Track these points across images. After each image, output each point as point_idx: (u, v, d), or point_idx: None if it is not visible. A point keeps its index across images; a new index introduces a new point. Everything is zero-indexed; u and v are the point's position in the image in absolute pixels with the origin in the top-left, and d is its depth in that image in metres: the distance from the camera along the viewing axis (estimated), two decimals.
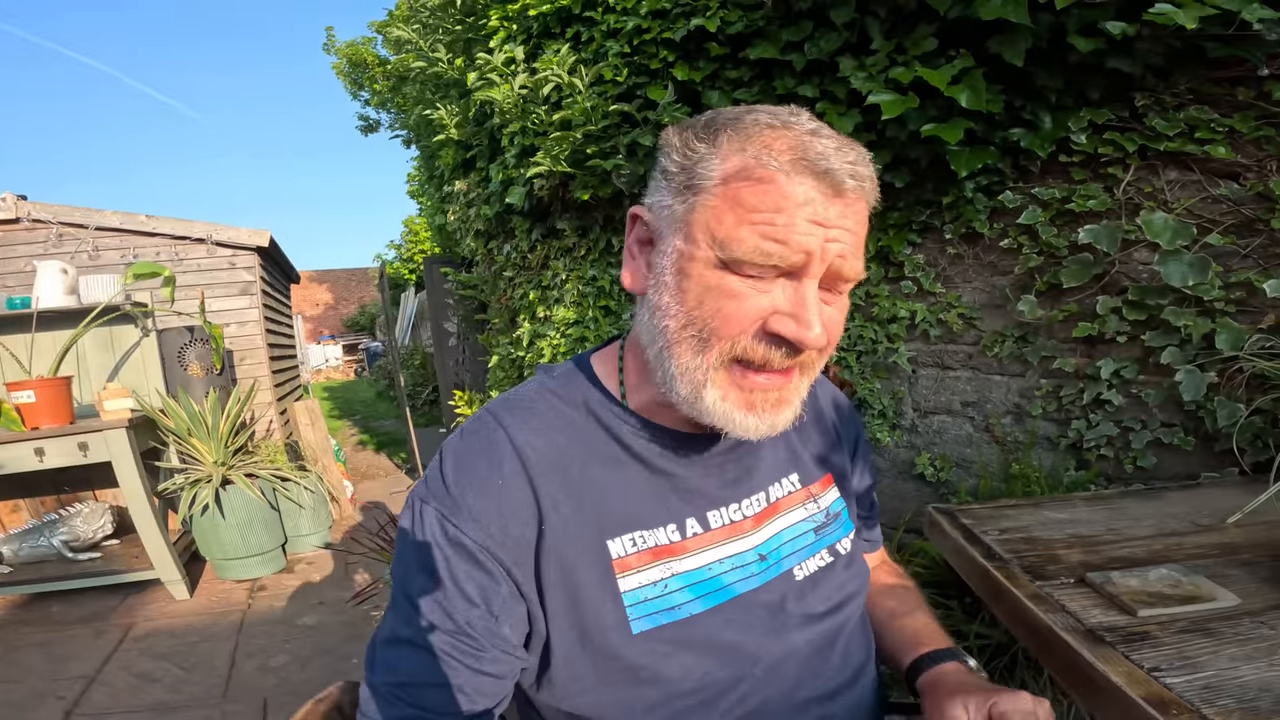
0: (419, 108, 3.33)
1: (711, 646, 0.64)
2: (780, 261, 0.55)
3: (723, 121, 0.59)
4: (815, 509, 0.75)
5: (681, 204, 0.60)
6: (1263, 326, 1.41)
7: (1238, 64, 1.33)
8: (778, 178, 0.55)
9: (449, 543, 0.62)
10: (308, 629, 2.56)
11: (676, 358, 0.60)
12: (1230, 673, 0.70)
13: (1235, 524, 1.08)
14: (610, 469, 0.67)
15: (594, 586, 0.63)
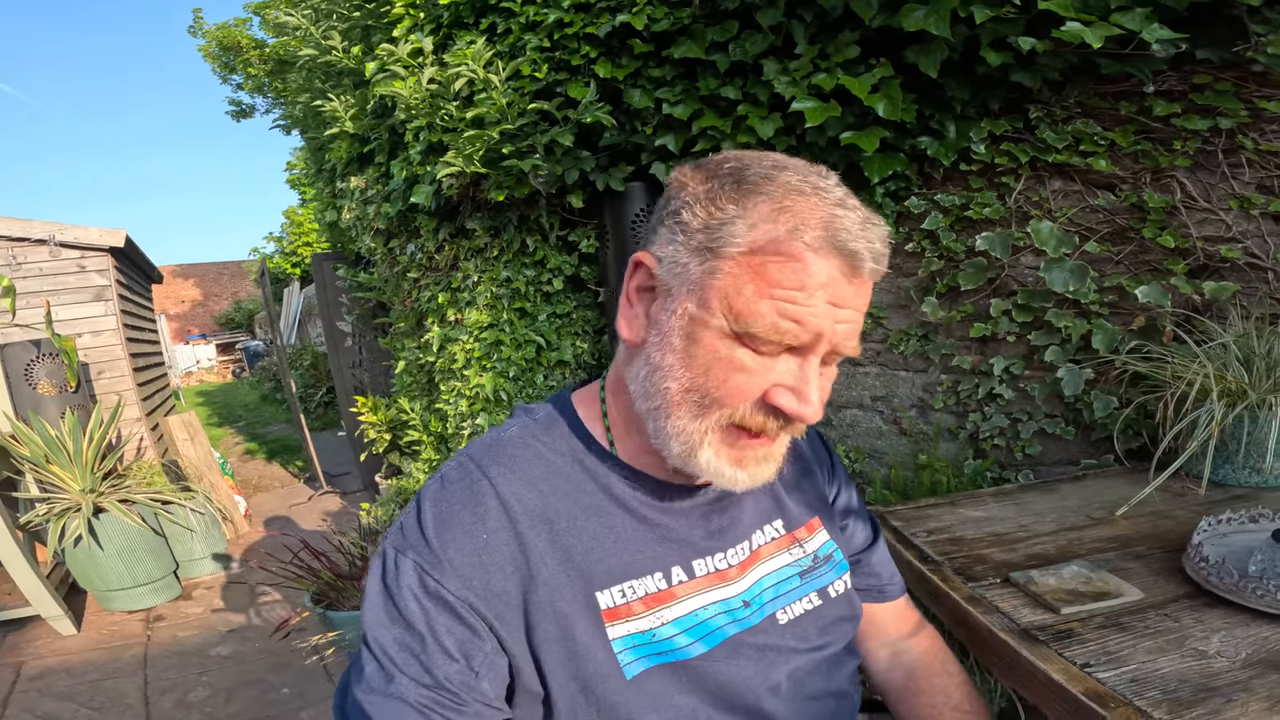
0: (306, 97, 3.07)
1: (705, 685, 0.64)
2: (793, 340, 0.55)
3: (754, 180, 0.57)
4: (801, 553, 0.76)
5: (699, 265, 0.57)
6: (1133, 328, 1.55)
7: (1124, 79, 1.45)
8: (806, 256, 0.54)
9: (428, 596, 0.60)
10: (223, 659, 2.34)
11: (674, 419, 0.60)
12: (1150, 665, 0.76)
13: (1123, 516, 1.19)
14: (597, 519, 0.66)
15: (587, 636, 0.62)
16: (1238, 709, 0.67)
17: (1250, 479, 1.23)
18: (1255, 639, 0.78)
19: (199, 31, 5.66)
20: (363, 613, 0.62)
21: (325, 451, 5.17)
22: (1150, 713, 0.68)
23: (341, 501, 4.40)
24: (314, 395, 7.64)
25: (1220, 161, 1.40)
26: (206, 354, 14.44)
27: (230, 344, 14.96)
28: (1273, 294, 1.39)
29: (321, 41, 2.34)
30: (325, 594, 1.97)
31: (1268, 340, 1.28)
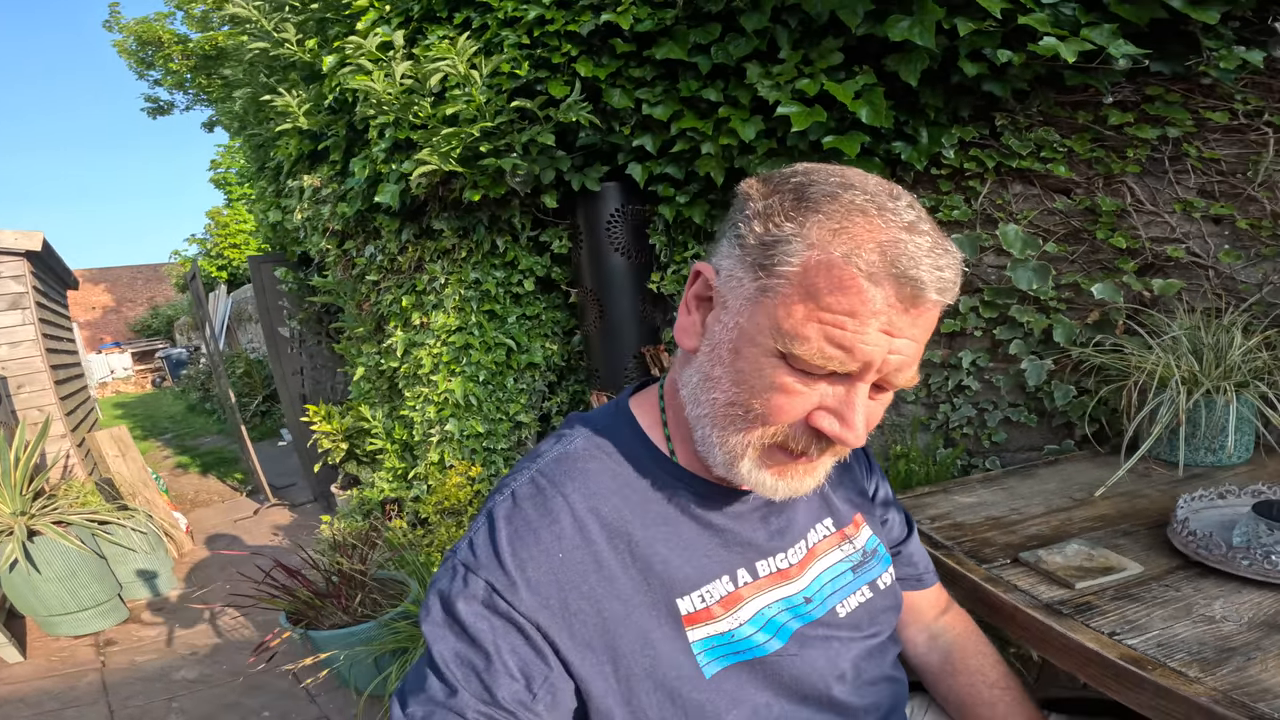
0: (248, 92, 2.89)
1: (779, 679, 0.66)
2: (838, 367, 0.54)
3: (814, 198, 0.55)
4: (851, 549, 0.78)
5: (753, 281, 0.56)
6: (1089, 322, 1.66)
7: (1083, 90, 1.55)
8: (860, 281, 0.52)
9: (498, 615, 0.60)
10: (191, 683, 2.19)
11: (719, 430, 0.61)
12: (1169, 631, 0.81)
13: (1101, 497, 1.27)
14: (668, 527, 0.66)
15: (666, 643, 0.62)
16: (1258, 666, 0.72)
17: (1208, 459, 1.33)
18: (1252, 604, 0.85)
19: (115, 26, 5.31)
20: (423, 625, 0.62)
21: (267, 462, 4.89)
22: (1185, 673, 0.73)
23: (292, 514, 4.18)
24: (249, 404, 7.23)
25: (1167, 168, 1.52)
26: (122, 363, 13.40)
27: (148, 352, 13.95)
28: (1214, 290, 1.51)
29: (274, 34, 2.21)
30: (302, 613, 1.87)
31: (1214, 333, 1.39)
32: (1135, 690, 0.75)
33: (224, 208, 9.77)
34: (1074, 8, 1.39)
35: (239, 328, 9.36)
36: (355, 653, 1.67)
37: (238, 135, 3.97)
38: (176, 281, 13.58)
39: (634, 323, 2.27)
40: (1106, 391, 1.54)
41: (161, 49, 5.33)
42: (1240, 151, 1.44)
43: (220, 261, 9.64)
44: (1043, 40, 1.30)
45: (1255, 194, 1.43)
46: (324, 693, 1.97)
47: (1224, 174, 1.46)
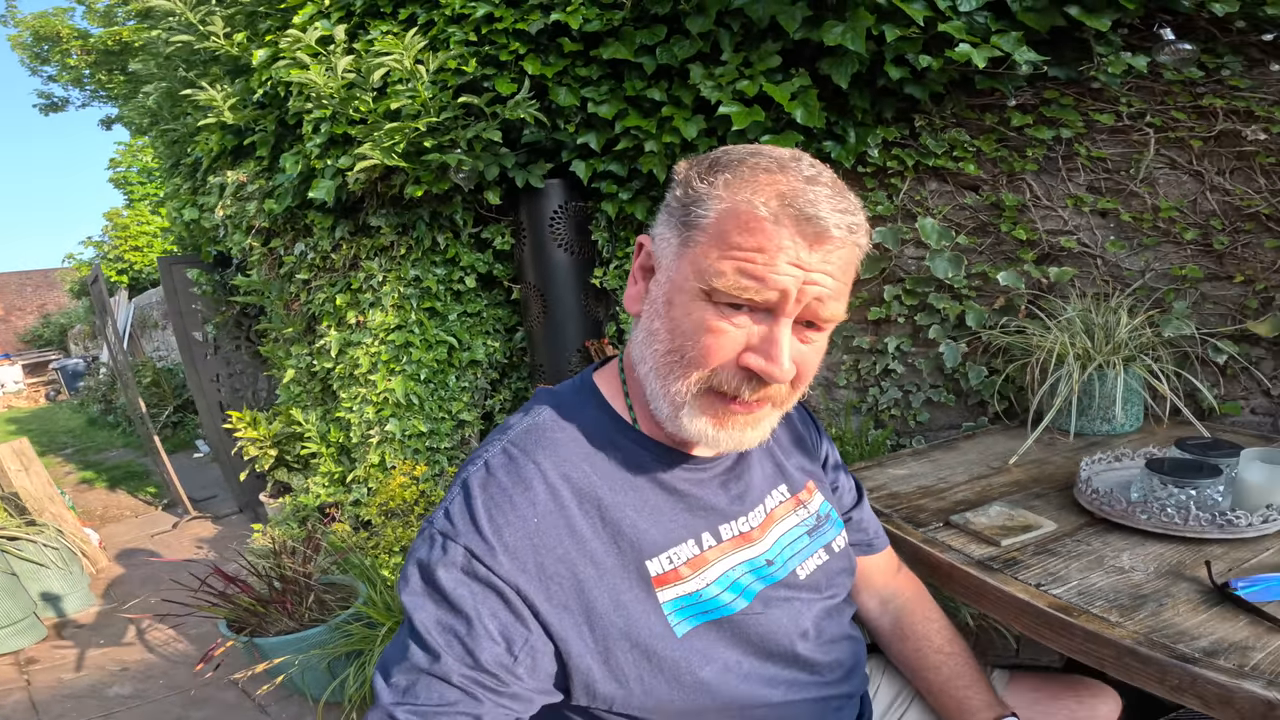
0: (162, 86, 2.71)
1: (746, 637, 0.69)
2: (755, 296, 0.58)
3: (725, 163, 0.62)
4: (806, 514, 0.81)
5: (677, 238, 0.63)
6: (996, 307, 1.79)
7: (990, 94, 1.67)
8: (764, 221, 0.58)
9: (478, 581, 0.61)
10: (126, 699, 2.04)
11: (662, 380, 0.64)
12: (1087, 581, 0.90)
13: (1015, 465, 1.38)
14: (636, 493, 0.69)
15: (639, 604, 0.65)
16: (1170, 611, 0.81)
17: (1102, 428, 1.47)
18: (1154, 555, 0.95)
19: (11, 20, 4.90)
20: (402, 594, 0.62)
21: (184, 475, 4.57)
22: (1107, 618, 0.81)
23: (216, 527, 3.92)
24: (159, 415, 6.72)
25: (1060, 166, 1.66)
26: (13, 376, 12.13)
27: (41, 363, 12.70)
28: (1102, 277, 1.66)
29: (200, 27, 2.08)
30: (244, 621, 1.77)
31: (1103, 314, 1.53)
32: (1066, 636, 0.82)
33: (124, 209, 9.02)
34: (986, 16, 1.50)
35: (142, 335, 8.68)
36: (308, 658, 1.60)
37: (146, 132, 3.69)
38: (71, 287, 12.42)
39: (578, 317, 2.28)
40: (1012, 369, 1.67)
41: (59, 44, 4.94)
42: (1124, 151, 1.59)
43: (120, 265, 8.89)
44: (958, 47, 1.40)
45: (1137, 190, 1.59)
46: (275, 702, 1.87)
47: (1110, 171, 1.61)
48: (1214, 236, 1.51)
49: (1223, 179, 1.49)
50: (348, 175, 2.05)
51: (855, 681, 0.80)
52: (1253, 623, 0.77)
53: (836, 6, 1.54)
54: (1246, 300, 1.50)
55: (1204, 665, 0.71)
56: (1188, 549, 0.95)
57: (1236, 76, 1.43)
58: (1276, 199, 1.42)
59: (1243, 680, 0.68)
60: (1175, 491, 0.99)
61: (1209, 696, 0.70)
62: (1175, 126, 1.52)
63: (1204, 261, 1.55)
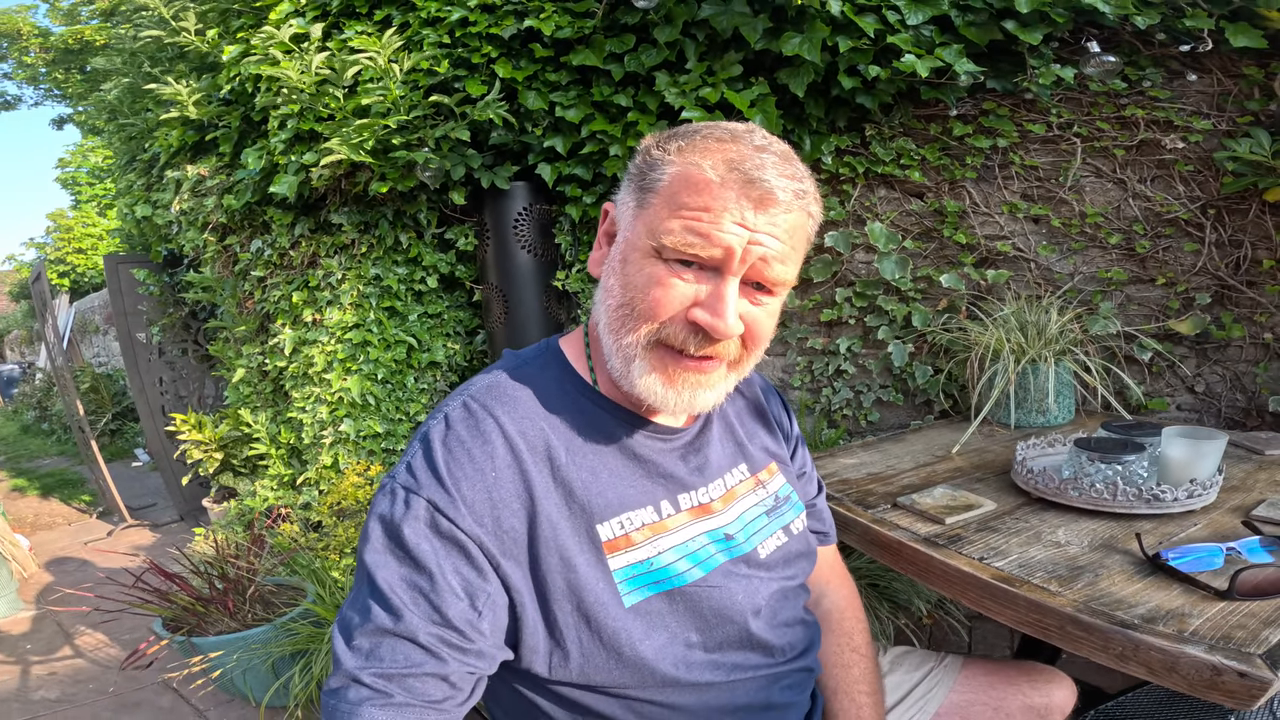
0: (125, 81, 2.62)
1: (698, 609, 0.68)
2: (701, 252, 0.60)
3: (683, 133, 0.65)
4: (765, 494, 0.81)
5: (634, 201, 0.65)
6: (940, 308, 1.85)
7: (935, 105, 1.74)
8: (711, 184, 0.60)
9: (439, 535, 0.59)
10: (54, 703, 1.91)
11: (615, 334, 0.65)
12: (1027, 554, 0.92)
13: (958, 454, 1.42)
14: (593, 455, 0.68)
15: (588, 567, 0.64)
16: (1106, 581, 0.83)
17: (1038, 420, 1.52)
18: (1088, 530, 0.98)
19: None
20: (363, 554, 0.60)
21: (121, 483, 4.32)
22: (1046, 587, 0.82)
23: (154, 534, 3.71)
24: (97, 422, 6.36)
25: (996, 174, 1.73)
26: None
27: None
28: (1034, 279, 1.73)
29: (172, 23, 2.03)
30: (183, 620, 1.66)
31: (1036, 312, 1.60)
32: (1010, 606, 0.84)
33: (70, 209, 8.59)
34: (932, 30, 1.56)
35: (82, 340, 8.23)
36: (250, 656, 1.51)
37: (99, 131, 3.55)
38: (11, 290, 11.72)
39: (539, 318, 2.26)
40: (953, 366, 1.72)
41: (18, 41, 4.75)
42: (1054, 159, 1.67)
43: (63, 268, 8.44)
44: (904, 58, 1.46)
45: (1066, 197, 1.67)
46: (215, 706, 1.76)
47: (1041, 179, 1.69)
48: (1137, 241, 1.60)
49: (1144, 186, 1.58)
50: (312, 171, 2.01)
51: (809, 659, 0.80)
52: (1186, 591, 0.80)
53: (795, 19, 1.59)
54: (1168, 301, 1.59)
55: (1145, 631, 0.72)
56: (1119, 524, 0.99)
57: (1157, 88, 1.53)
58: (1195, 205, 1.51)
59: (1185, 645, 0.69)
60: (1103, 468, 1.03)
61: (1153, 664, 0.71)
62: (1100, 136, 1.60)
63: (1128, 265, 1.63)
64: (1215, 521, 0.98)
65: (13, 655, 2.30)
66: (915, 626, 1.55)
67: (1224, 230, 1.52)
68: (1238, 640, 0.69)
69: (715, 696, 0.69)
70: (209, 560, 1.77)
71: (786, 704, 0.75)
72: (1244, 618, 0.73)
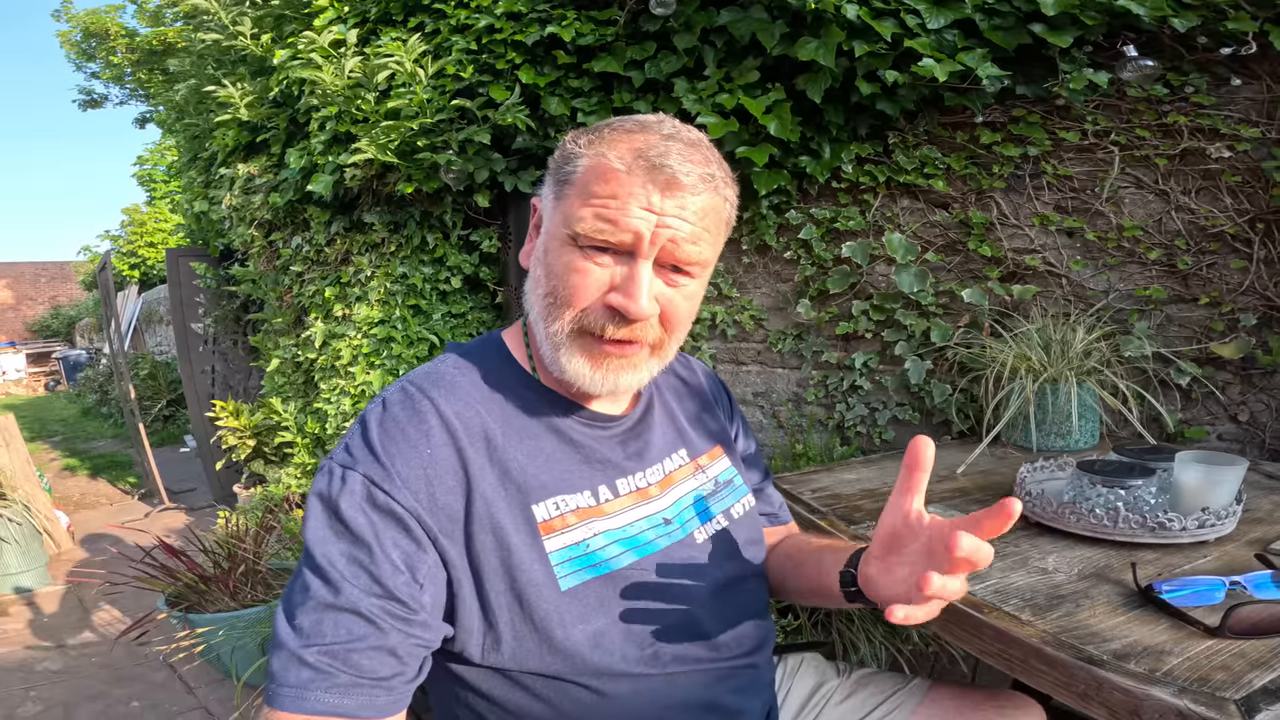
0: (192, 82, 2.81)
1: (636, 595, 0.67)
2: (610, 238, 0.63)
3: (596, 127, 0.68)
4: (704, 479, 0.81)
5: (553, 195, 0.69)
6: (961, 325, 1.78)
7: (961, 112, 1.69)
8: (618, 172, 0.63)
9: (376, 509, 0.60)
10: (54, 674, 2.03)
11: (544, 322, 0.68)
12: (1006, 580, 0.87)
13: (962, 474, 1.36)
14: (531, 439, 0.69)
15: (524, 548, 0.64)
16: (1086, 613, 0.78)
17: (1057, 443, 1.44)
18: (1081, 558, 0.92)
19: (64, 17, 5.12)
20: (304, 532, 0.61)
21: (166, 468, 4.56)
22: (1018, 615, 0.78)
23: (188, 517, 3.90)
24: (151, 408, 6.74)
25: (1027, 184, 1.67)
26: (15, 364, 12.23)
27: (44, 354, 12.81)
28: (1065, 296, 1.65)
29: (230, 27, 2.19)
30: (185, 597, 1.74)
31: (1061, 330, 1.52)
32: (976, 635, 0.80)
33: (144, 205, 9.19)
34: (954, 34, 1.53)
35: (147, 329, 8.77)
36: (239, 635, 1.56)
37: (173, 127, 3.81)
38: (84, 279, 12.59)
39: None
40: (966, 382, 1.65)
41: (106, 41, 5.16)
42: (1090, 169, 1.60)
43: (133, 260, 9.01)
44: (923, 62, 1.43)
45: (1102, 209, 1.59)
46: (204, 684, 1.84)
47: (1076, 190, 1.62)
48: (1179, 257, 1.50)
49: (1188, 198, 1.49)
50: (346, 171, 2.11)
51: (758, 658, 0.77)
52: (1174, 627, 0.74)
53: (812, 24, 1.58)
54: (1211, 322, 1.49)
55: (1111, 669, 0.67)
56: (1117, 553, 0.93)
57: (1201, 94, 1.44)
58: (1242, 219, 1.41)
59: (1152, 686, 0.64)
60: (1105, 492, 0.97)
61: (1115, 704, 0.66)
62: (1140, 145, 1.52)
63: (1168, 282, 1.54)
64: (1229, 555, 0.91)
65: (30, 627, 2.44)
66: (914, 655, 1.48)
67: (1273, 246, 1.41)
68: (1216, 683, 0.63)
69: (652, 688, 0.68)
70: (218, 541, 1.84)
71: (736, 709, 0.73)
72: (1231, 658, 0.67)
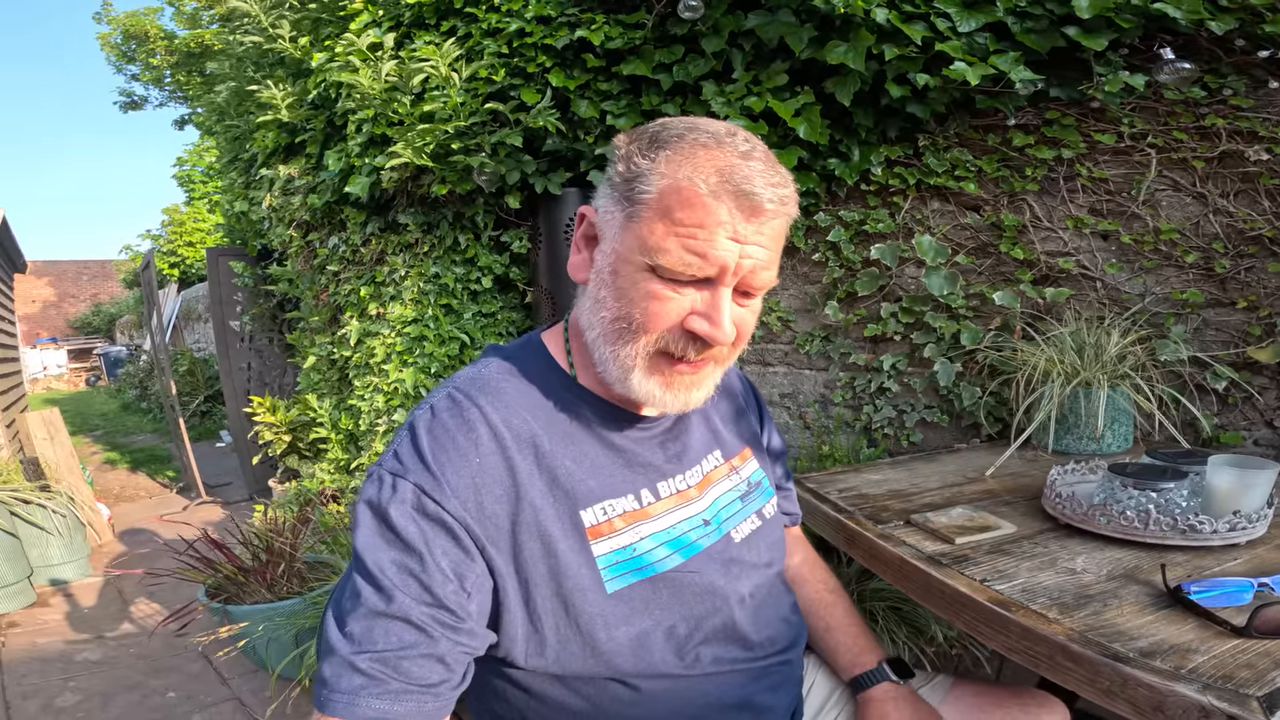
0: (232, 84, 2.92)
1: (680, 596, 0.69)
2: (698, 272, 0.62)
3: (665, 138, 0.64)
4: (738, 479, 0.83)
5: (621, 212, 0.65)
6: (993, 328, 1.78)
7: (993, 114, 1.69)
8: (705, 198, 0.61)
9: (427, 518, 0.62)
10: (93, 665, 2.10)
11: (611, 344, 0.67)
12: (1034, 579, 0.89)
13: (991, 476, 1.37)
14: (574, 444, 0.71)
15: (571, 553, 0.66)
16: (1114, 612, 0.79)
17: (1089, 447, 1.44)
18: (1111, 559, 0.93)
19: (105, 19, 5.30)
20: (355, 539, 0.63)
21: (204, 462, 4.73)
22: (1045, 614, 0.79)
23: (224, 511, 4.04)
24: (190, 404, 6.97)
25: (1061, 187, 1.66)
26: (57, 360, 12.73)
27: (85, 350, 13.29)
28: (1100, 300, 1.65)
29: (270, 30, 2.27)
30: (223, 588, 1.82)
31: (1095, 333, 1.52)
32: (1003, 632, 0.81)
33: (184, 205, 9.51)
34: (986, 37, 1.53)
35: (186, 326, 9.06)
36: (275, 627, 1.63)
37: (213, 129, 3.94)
38: (125, 277, 13.04)
39: None
40: (996, 385, 1.66)
41: (146, 43, 5.31)
42: (1126, 172, 1.59)
43: (173, 259, 9.34)
44: (954, 65, 1.44)
45: (1138, 211, 1.58)
46: (238, 675, 1.91)
47: (1111, 193, 1.61)
48: (1216, 260, 1.49)
49: (1226, 201, 1.48)
50: (382, 173, 2.18)
51: (791, 654, 0.80)
52: (1201, 626, 0.75)
53: (841, 28, 1.60)
54: (1249, 326, 1.47)
55: (1137, 665, 0.68)
56: (1147, 555, 0.94)
57: (1240, 96, 1.43)
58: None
59: (1176, 683, 0.65)
60: (1136, 494, 0.98)
61: (1139, 701, 0.67)
62: (1178, 147, 1.51)
63: (1206, 286, 1.53)
64: (1260, 557, 0.91)
65: (71, 619, 2.54)
66: (938, 656, 1.49)
67: None
68: (1239, 680, 0.65)
69: (690, 687, 0.70)
70: (256, 534, 1.92)
71: (766, 707, 0.76)
72: (1255, 656, 0.69)
